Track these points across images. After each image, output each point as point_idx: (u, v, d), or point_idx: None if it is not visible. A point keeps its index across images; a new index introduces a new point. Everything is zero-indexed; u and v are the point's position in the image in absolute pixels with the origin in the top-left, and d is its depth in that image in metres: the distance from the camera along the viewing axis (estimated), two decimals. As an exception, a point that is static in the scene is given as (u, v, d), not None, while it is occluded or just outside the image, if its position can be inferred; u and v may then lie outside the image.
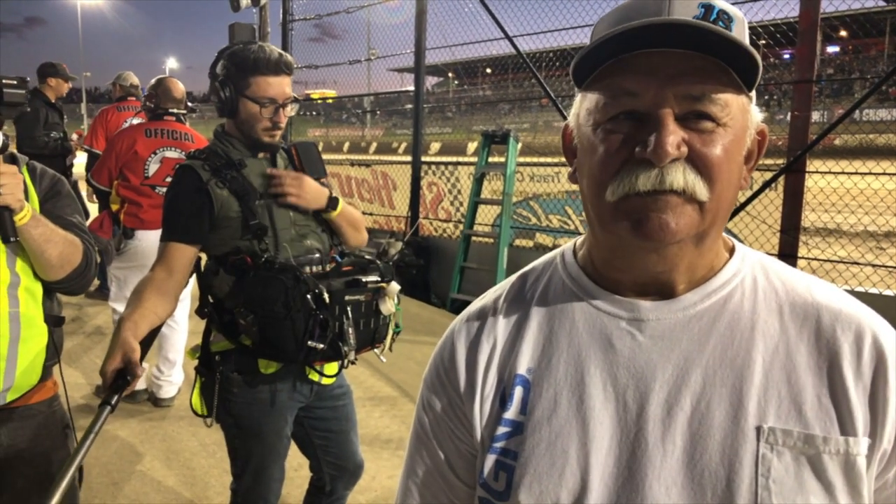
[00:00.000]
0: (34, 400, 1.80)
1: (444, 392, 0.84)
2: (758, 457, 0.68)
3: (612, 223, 0.72)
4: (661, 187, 0.68)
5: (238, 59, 1.94)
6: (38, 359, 1.76)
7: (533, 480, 0.75)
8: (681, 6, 0.68)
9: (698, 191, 0.69)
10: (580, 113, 0.76)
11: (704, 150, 0.69)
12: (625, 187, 0.69)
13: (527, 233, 6.99)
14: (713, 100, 0.68)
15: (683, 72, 0.68)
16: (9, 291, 1.70)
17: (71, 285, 1.80)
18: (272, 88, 1.93)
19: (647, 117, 0.69)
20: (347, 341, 1.92)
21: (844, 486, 0.68)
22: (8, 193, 1.55)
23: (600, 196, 0.72)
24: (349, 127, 36.33)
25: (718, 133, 0.69)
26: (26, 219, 1.62)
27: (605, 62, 0.70)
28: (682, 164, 0.68)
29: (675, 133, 0.67)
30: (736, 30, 0.69)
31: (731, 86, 0.69)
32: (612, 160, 0.70)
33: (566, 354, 0.78)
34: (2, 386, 1.69)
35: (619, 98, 0.70)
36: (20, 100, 1.69)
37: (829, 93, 21.33)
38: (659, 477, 0.70)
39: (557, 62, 8.06)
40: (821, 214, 5.72)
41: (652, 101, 0.68)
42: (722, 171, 0.70)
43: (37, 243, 1.66)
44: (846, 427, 0.69)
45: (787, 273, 0.79)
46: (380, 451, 3.45)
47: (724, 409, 0.71)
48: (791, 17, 5.41)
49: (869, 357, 0.70)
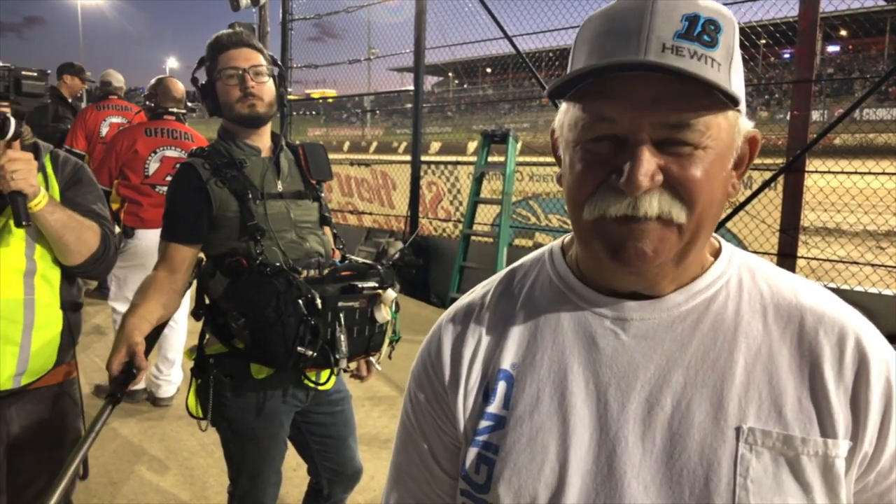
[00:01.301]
0: (49, 382, 1.85)
1: (430, 385, 0.85)
2: (737, 457, 0.69)
3: (591, 242, 0.72)
4: (634, 213, 0.67)
5: (207, 48, 2.01)
6: (53, 344, 1.82)
7: (512, 475, 0.75)
8: (663, 21, 0.66)
9: (675, 214, 0.68)
10: (564, 123, 0.75)
11: (682, 175, 0.68)
12: (599, 210, 0.69)
13: (526, 232, 6.99)
14: (691, 126, 0.67)
15: (660, 99, 0.66)
16: (24, 279, 1.75)
17: (90, 270, 1.85)
18: (233, 60, 1.95)
19: (625, 141, 0.68)
20: (339, 349, 1.86)
21: (822, 488, 0.68)
22: (21, 179, 1.61)
23: (578, 214, 0.72)
24: (349, 126, 36.36)
25: (697, 156, 0.68)
26: (41, 205, 1.67)
27: (584, 81, 0.69)
28: (657, 192, 0.67)
29: (650, 162, 0.66)
30: (722, 40, 0.67)
31: (713, 106, 0.67)
32: (588, 182, 0.70)
33: (550, 351, 0.78)
34: (16, 370, 1.75)
35: (598, 122, 0.69)
36: (40, 91, 1.76)
37: (829, 92, 21.34)
38: (637, 475, 0.71)
39: (557, 61, 8.07)
40: (820, 214, 5.72)
41: (628, 127, 0.67)
42: (702, 192, 0.69)
43: (53, 228, 1.71)
44: (826, 429, 0.69)
45: (773, 275, 0.79)
46: (378, 451, 3.45)
47: (704, 409, 0.71)
48: (791, 17, 5.41)
49: (851, 360, 0.70)
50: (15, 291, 1.73)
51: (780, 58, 18.17)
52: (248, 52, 1.97)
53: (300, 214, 2.04)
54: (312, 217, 2.08)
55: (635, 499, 0.70)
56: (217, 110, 2.01)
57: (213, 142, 2.06)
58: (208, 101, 2.02)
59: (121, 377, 1.68)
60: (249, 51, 1.98)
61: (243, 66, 1.95)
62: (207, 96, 2.01)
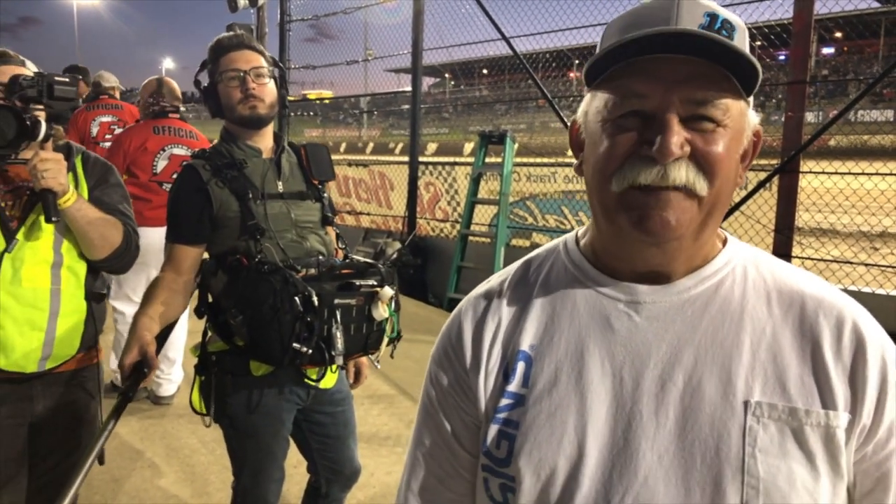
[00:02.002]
0: (72, 367, 1.98)
1: (451, 367, 0.89)
2: (745, 428, 0.73)
3: (616, 215, 0.77)
4: (663, 183, 0.73)
5: (209, 51, 2.04)
6: (76, 331, 1.94)
7: (533, 448, 0.79)
8: (688, 14, 0.73)
9: (699, 186, 0.74)
10: (589, 110, 0.80)
11: (706, 149, 0.74)
12: (628, 180, 0.74)
13: (523, 232, 7.03)
14: (715, 104, 0.73)
15: (689, 77, 0.73)
16: (52, 270, 1.88)
17: (113, 264, 1.98)
18: (234, 62, 1.98)
19: (653, 117, 0.74)
20: (335, 345, 1.87)
21: (824, 456, 0.73)
22: (51, 178, 1.74)
23: (605, 187, 0.77)
24: (346, 127, 36.36)
25: (719, 133, 0.74)
26: (70, 202, 1.81)
27: (617, 64, 0.74)
28: (684, 162, 0.73)
29: (679, 134, 0.72)
30: (738, 39, 0.74)
31: (732, 91, 0.74)
32: (618, 154, 0.75)
33: (567, 333, 0.82)
34: (41, 354, 1.87)
35: (628, 98, 0.75)
36: (71, 95, 1.85)
37: (823, 94, 21.42)
38: (652, 446, 0.75)
39: (554, 63, 8.11)
40: (814, 214, 5.77)
41: (659, 103, 0.73)
42: (722, 167, 0.75)
43: (80, 224, 1.85)
44: (827, 402, 0.74)
45: (776, 264, 0.84)
46: (378, 448, 3.48)
47: (714, 385, 0.76)
48: (785, 19, 5.46)
49: (849, 341, 0.76)
50: (43, 281, 1.86)
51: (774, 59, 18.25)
52: (250, 55, 2.01)
53: (301, 214, 2.06)
54: (314, 217, 2.11)
55: (650, 468, 0.75)
56: (219, 112, 2.04)
57: (215, 143, 2.09)
58: (210, 102, 2.05)
59: (133, 376, 1.73)
60: (250, 53, 2.01)
61: (244, 68, 1.98)
62: (209, 98, 2.04)
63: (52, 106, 1.83)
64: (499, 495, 0.83)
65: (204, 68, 2.07)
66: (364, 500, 2.99)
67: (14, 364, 1.84)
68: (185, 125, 4.08)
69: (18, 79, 1.79)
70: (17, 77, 1.80)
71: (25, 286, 1.84)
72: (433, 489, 0.92)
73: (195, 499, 3.00)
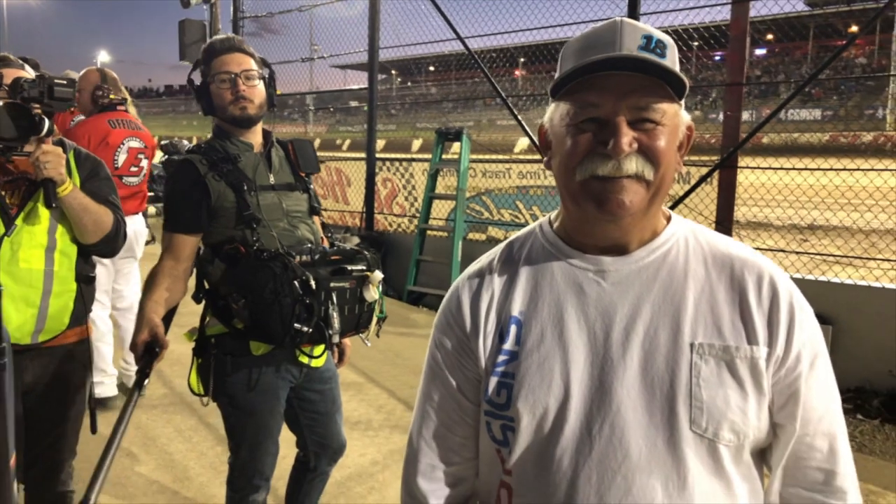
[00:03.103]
0: (62, 342, 2.16)
1: (453, 332, 1.08)
2: (691, 364, 0.94)
3: (580, 200, 0.96)
4: (618, 174, 0.93)
5: (202, 53, 2.17)
6: (66, 310, 2.14)
7: (528, 393, 0.99)
8: (629, 38, 0.92)
9: (647, 173, 0.94)
10: (554, 117, 1.00)
11: (650, 143, 0.94)
12: (588, 171, 0.94)
13: (480, 226, 7.24)
14: (654, 108, 0.93)
15: (633, 89, 0.92)
16: (46, 254, 2.08)
17: (102, 248, 2.19)
18: (226, 64, 2.11)
19: (606, 122, 0.93)
20: (332, 325, 2.03)
21: (751, 381, 0.95)
22: (52, 168, 1.94)
23: (570, 177, 0.96)
24: (291, 123, 35.90)
25: (659, 130, 0.94)
26: (67, 191, 2.01)
27: (574, 80, 0.94)
28: (634, 156, 0.93)
29: (628, 134, 0.92)
30: (668, 55, 0.94)
31: (667, 97, 0.94)
32: (579, 151, 0.95)
33: (548, 299, 1.02)
34: (34, 328, 2.07)
35: (585, 108, 0.94)
36: (68, 96, 2.02)
37: (757, 94, 22.32)
38: (622, 384, 0.95)
39: (502, 62, 8.33)
40: (751, 208, 6.13)
41: (610, 110, 0.93)
42: (664, 157, 0.95)
43: (75, 211, 2.05)
44: (751, 339, 0.95)
45: (710, 234, 1.06)
46: (350, 432, 3.58)
47: (666, 332, 0.96)
48: (722, 21, 5.79)
49: (766, 291, 0.97)
50: (37, 263, 2.05)
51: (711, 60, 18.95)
52: (240, 57, 2.13)
53: (291, 204, 2.20)
54: (302, 207, 2.25)
55: (621, 400, 0.95)
56: (211, 110, 2.16)
57: (209, 139, 2.21)
58: (203, 102, 2.17)
59: (146, 356, 1.87)
60: (241, 56, 2.13)
61: (235, 70, 2.10)
62: (202, 97, 2.17)
63: (51, 105, 1.99)
64: (500, 434, 1.02)
65: (196, 68, 2.19)
66: (340, 480, 3.13)
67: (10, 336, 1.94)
68: (133, 117, 4.07)
69: (20, 80, 1.96)
70: (20, 79, 1.97)
71: (22, 266, 2.03)
72: (442, 435, 1.10)
73: (176, 484, 3.10)
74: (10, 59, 2.19)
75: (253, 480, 2.20)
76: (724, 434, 0.93)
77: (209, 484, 3.08)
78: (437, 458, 1.11)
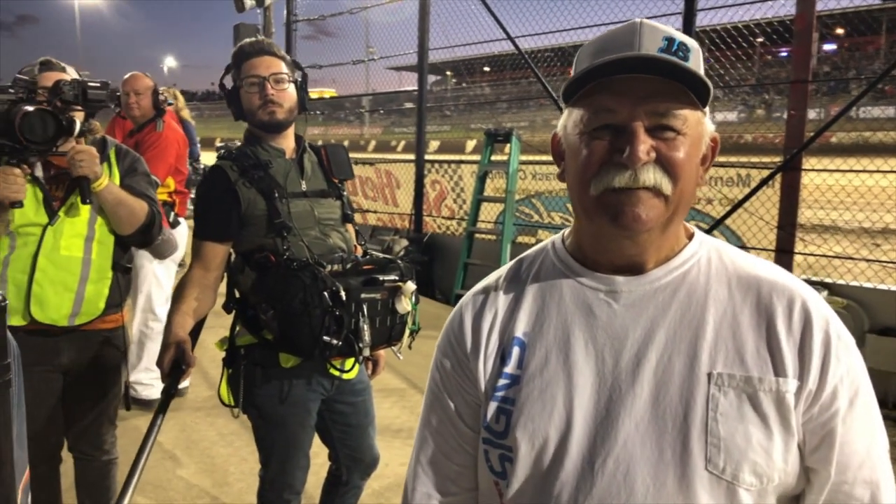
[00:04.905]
0: (97, 327, 2.28)
1: (454, 353, 1.01)
2: (708, 396, 0.85)
3: (595, 214, 0.88)
4: (634, 185, 0.84)
5: (232, 57, 2.13)
6: (101, 295, 2.26)
7: (527, 421, 0.91)
8: (649, 39, 0.84)
9: (664, 186, 0.85)
10: (567, 124, 0.92)
11: (669, 154, 0.85)
12: (604, 183, 0.85)
13: (529, 229, 7.11)
14: (675, 115, 0.85)
15: (652, 93, 0.84)
16: (85, 243, 2.22)
17: (137, 239, 2.31)
18: (255, 68, 2.06)
19: (622, 129, 0.85)
20: (362, 338, 1.96)
21: (776, 417, 0.84)
22: (85, 167, 2.08)
23: (584, 191, 0.88)
24: (348, 125, 36.40)
25: (679, 140, 0.85)
26: (101, 186, 2.15)
27: (590, 84, 0.86)
28: (652, 166, 0.84)
29: (645, 142, 0.84)
30: (692, 59, 0.86)
31: (689, 103, 0.86)
32: (594, 161, 0.86)
33: (555, 320, 0.94)
34: (71, 311, 2.20)
35: (600, 113, 0.86)
36: (102, 98, 2.17)
37: (825, 91, 21.43)
38: (630, 415, 0.86)
39: (557, 61, 8.17)
40: (817, 211, 5.84)
41: (627, 116, 0.84)
42: (683, 169, 0.86)
43: (110, 204, 2.19)
44: (778, 370, 0.85)
45: (736, 254, 0.95)
46: (391, 440, 3.56)
47: (682, 360, 0.87)
48: (786, 16, 5.52)
49: (798, 318, 0.87)
50: (77, 251, 2.20)
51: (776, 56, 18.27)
52: (270, 60, 2.08)
53: (323, 212, 2.14)
54: (335, 214, 2.19)
55: (629, 434, 0.86)
56: (241, 115, 2.12)
57: (241, 144, 2.17)
58: (233, 106, 2.13)
59: (173, 374, 1.85)
60: (271, 58, 2.08)
61: (264, 74, 2.05)
62: (232, 102, 2.12)
63: (86, 107, 2.16)
64: (498, 465, 0.94)
65: (228, 72, 2.15)
66: (379, 490, 3.08)
67: (48, 318, 2.17)
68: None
69: (60, 83, 2.10)
70: (59, 82, 2.11)
71: (63, 254, 2.18)
72: (440, 462, 1.03)
73: (216, 489, 3.09)
74: (52, 62, 2.30)
75: (283, 494, 2.15)
76: (744, 476, 0.83)
77: (247, 491, 3.06)
78: (433, 487, 1.04)
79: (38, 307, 2.14)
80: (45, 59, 2.30)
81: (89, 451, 2.39)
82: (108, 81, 2.19)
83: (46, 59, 2.30)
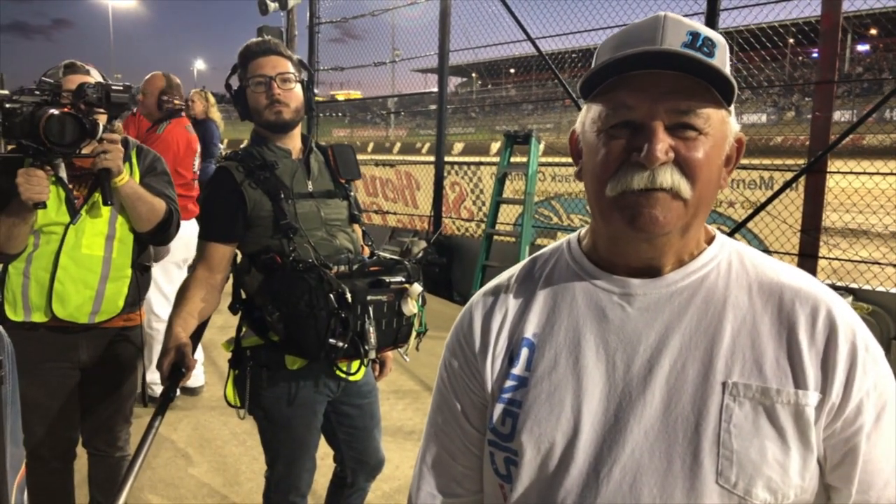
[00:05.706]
0: (116, 325, 2.32)
1: (462, 353, 0.99)
2: (722, 406, 0.81)
3: (611, 216, 0.84)
4: (652, 186, 0.80)
5: (238, 56, 2.12)
6: (121, 294, 2.30)
7: (534, 425, 0.88)
8: (672, 34, 0.81)
9: (683, 189, 0.81)
10: (585, 121, 0.88)
11: (689, 155, 0.81)
12: (622, 185, 0.82)
13: (548, 232, 7.07)
14: (697, 113, 0.81)
15: (673, 90, 0.80)
16: (106, 242, 2.27)
17: (156, 236, 2.35)
18: (261, 68, 2.05)
19: (641, 127, 0.81)
20: (368, 340, 1.95)
21: (794, 432, 0.80)
22: (109, 159, 2.11)
23: (601, 192, 0.84)
24: (373, 127, 36.55)
25: (700, 140, 0.82)
26: (122, 181, 2.19)
27: (608, 79, 0.82)
28: (670, 167, 0.81)
29: (664, 141, 0.80)
30: (718, 55, 0.81)
31: (713, 102, 0.81)
32: (612, 162, 0.83)
33: (566, 322, 0.91)
34: (91, 309, 2.23)
35: (619, 109, 0.82)
36: (125, 100, 2.19)
37: (858, 92, 21.01)
38: (640, 422, 0.83)
39: (580, 62, 8.11)
40: (842, 215, 5.71)
41: (646, 113, 0.81)
42: (703, 172, 0.82)
43: (130, 200, 2.23)
44: (799, 382, 0.81)
45: (759, 259, 0.91)
46: (403, 442, 3.56)
47: (696, 368, 0.83)
48: (814, 17, 5.41)
49: (822, 327, 0.82)
50: (98, 249, 2.25)
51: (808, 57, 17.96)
52: (276, 60, 2.07)
53: (330, 213, 2.13)
54: (342, 215, 2.18)
55: (637, 442, 0.83)
56: (248, 115, 2.12)
57: (247, 145, 2.18)
58: (239, 106, 2.13)
59: (172, 376, 1.83)
60: (277, 58, 2.07)
61: (270, 73, 2.04)
62: (239, 102, 2.12)
63: (109, 110, 2.19)
64: (503, 468, 0.92)
65: (234, 73, 2.16)
66: (389, 492, 3.06)
67: (69, 315, 2.20)
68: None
69: (83, 86, 2.13)
70: (83, 85, 2.14)
71: (84, 252, 2.22)
72: (445, 463, 1.02)
73: (226, 488, 3.11)
74: (76, 65, 2.35)
75: (289, 496, 2.15)
76: (757, 492, 0.79)
77: (258, 491, 3.04)
78: (438, 488, 1.02)
79: (60, 304, 2.18)
80: (69, 62, 2.33)
81: (103, 448, 2.43)
82: (131, 84, 2.23)
83: (71, 61, 2.33)
